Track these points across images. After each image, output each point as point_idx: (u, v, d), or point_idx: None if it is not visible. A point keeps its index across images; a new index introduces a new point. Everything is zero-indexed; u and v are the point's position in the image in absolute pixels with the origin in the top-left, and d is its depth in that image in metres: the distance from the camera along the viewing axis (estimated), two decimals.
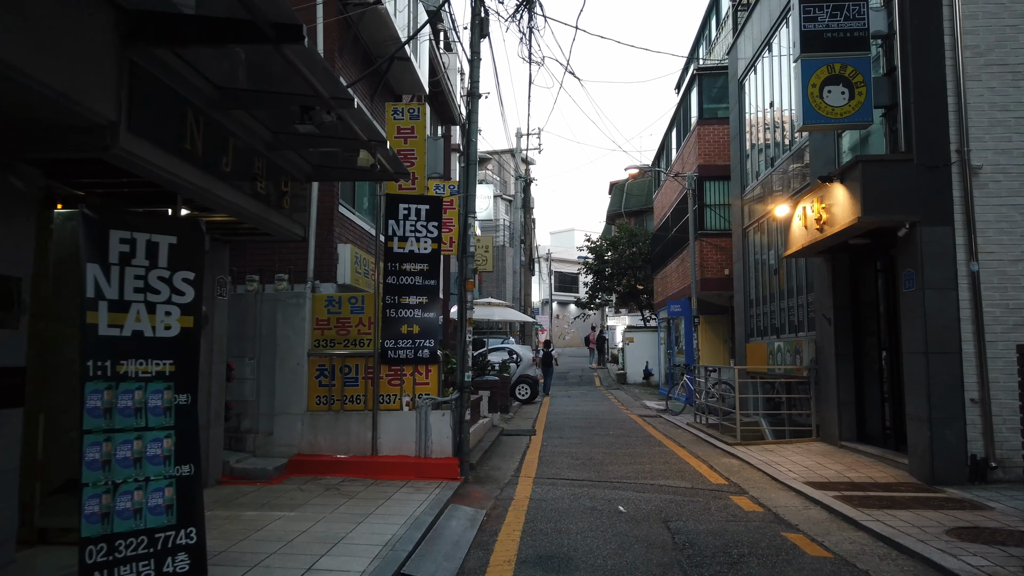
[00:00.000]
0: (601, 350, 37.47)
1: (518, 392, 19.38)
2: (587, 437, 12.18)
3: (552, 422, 14.70)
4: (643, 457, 9.93)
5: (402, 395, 8.44)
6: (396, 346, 8.43)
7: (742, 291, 15.29)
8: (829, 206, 8.89)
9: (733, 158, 16.18)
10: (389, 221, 8.53)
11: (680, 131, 21.50)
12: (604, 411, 17.52)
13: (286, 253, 9.92)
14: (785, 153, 12.57)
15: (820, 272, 10.74)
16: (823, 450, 10.02)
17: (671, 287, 22.57)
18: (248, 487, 7.35)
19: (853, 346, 10.22)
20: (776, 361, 12.47)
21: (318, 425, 8.37)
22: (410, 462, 8.12)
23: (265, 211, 6.65)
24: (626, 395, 23.05)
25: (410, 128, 9.67)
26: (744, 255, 15.19)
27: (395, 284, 8.49)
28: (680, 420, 14.97)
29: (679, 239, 20.78)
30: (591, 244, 32.38)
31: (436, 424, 8.25)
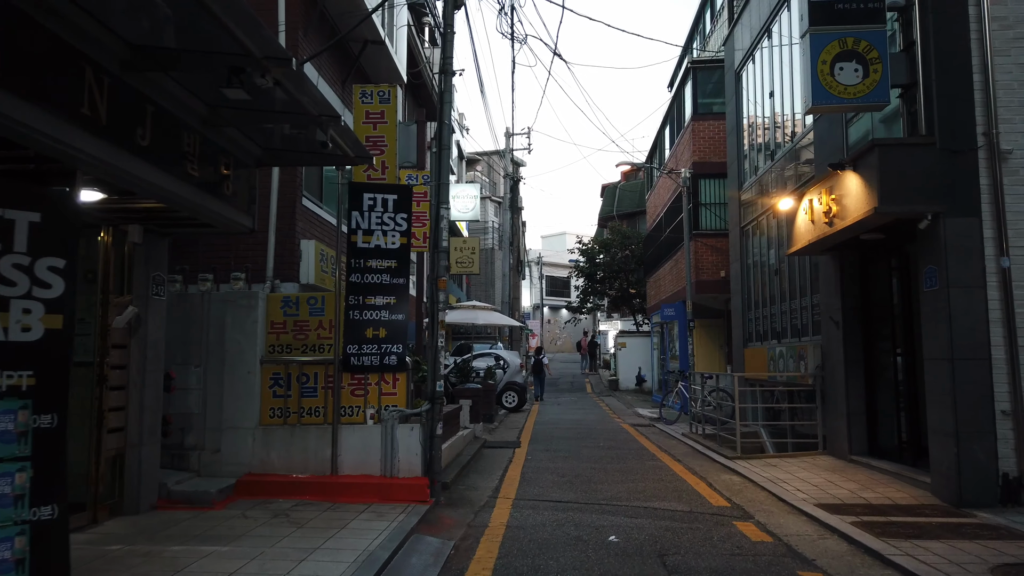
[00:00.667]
0: (593, 355, 36.62)
1: (505, 400, 18.50)
2: (575, 450, 11.30)
3: (539, 433, 13.81)
4: (636, 474, 9.06)
5: (366, 407, 7.54)
6: (360, 352, 7.54)
7: (740, 293, 14.47)
8: (840, 197, 8.07)
9: (730, 153, 15.38)
10: (352, 213, 7.65)
11: (674, 128, 20.72)
12: (595, 420, 16.65)
13: (244, 250, 9.04)
14: (787, 145, 11.77)
15: (827, 271, 9.92)
16: (831, 465, 9.17)
17: (665, 290, 21.76)
18: (185, 513, 6.43)
19: (864, 351, 9.39)
20: (777, 367, 11.64)
21: (271, 441, 7.46)
22: (374, 483, 7.22)
23: (199, 197, 5.76)
24: (618, 402, 22.20)
25: (379, 112, 8.80)
26: (742, 255, 14.37)
27: (359, 283, 7.61)
28: (675, 430, 14.11)
29: (673, 240, 19.97)
30: (582, 246, 31.55)
31: (404, 440, 7.36)
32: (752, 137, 13.99)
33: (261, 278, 8.71)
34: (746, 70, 14.20)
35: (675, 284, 19.92)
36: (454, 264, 21.76)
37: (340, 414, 7.51)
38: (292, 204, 9.12)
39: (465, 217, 21.95)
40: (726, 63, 15.64)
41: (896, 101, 7.85)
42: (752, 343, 13.77)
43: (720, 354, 19.24)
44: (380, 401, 7.57)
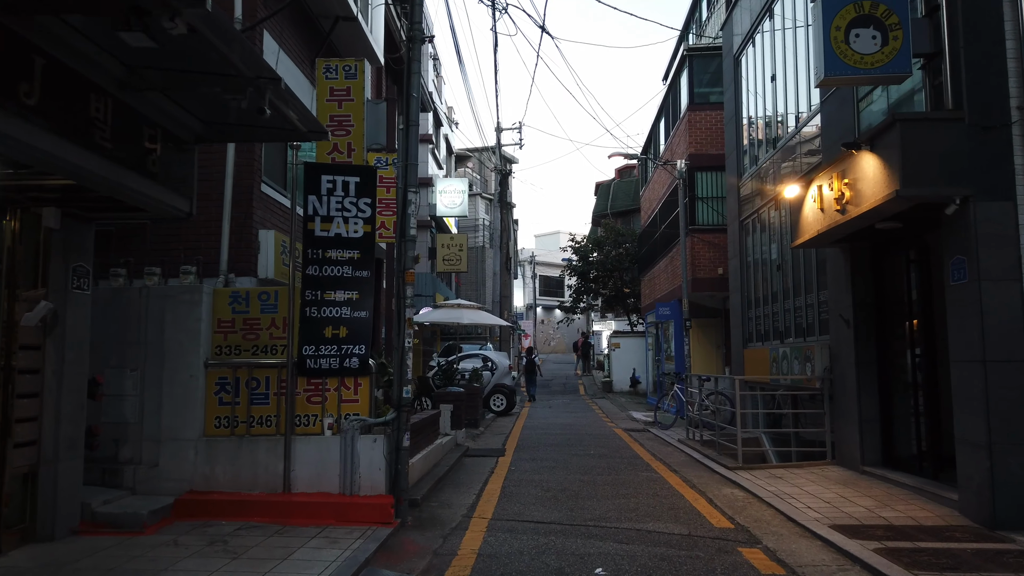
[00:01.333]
0: (586, 356, 35.83)
1: (493, 403, 17.67)
2: (564, 459, 10.48)
3: (526, 439, 12.98)
4: (628, 487, 8.23)
5: (324, 416, 6.69)
6: (317, 353, 6.70)
7: (739, 291, 13.67)
8: (853, 181, 7.26)
9: (728, 143, 14.60)
10: (309, 197, 6.81)
11: (669, 121, 19.94)
12: (586, 424, 15.83)
13: (195, 241, 8.19)
14: (791, 130, 10.97)
15: (835, 265, 9.12)
16: (842, 477, 8.37)
17: (660, 289, 20.97)
18: (108, 539, 5.58)
19: (877, 352, 8.59)
20: (781, 370, 10.83)
21: (216, 454, 6.61)
22: (331, 502, 6.37)
23: (116, 173, 4.92)
24: (611, 405, 21.39)
25: (345, 89, 7.99)
26: (741, 251, 13.58)
27: (317, 276, 6.77)
28: (670, 435, 13.30)
29: (668, 236, 19.18)
30: (575, 244, 30.75)
31: (366, 452, 6.52)
32: (752, 125, 13.20)
33: (215, 272, 7.86)
34: (746, 54, 13.42)
35: (670, 282, 19.13)
36: (441, 262, 20.93)
37: (294, 424, 6.67)
38: (249, 190, 8.27)
39: (452, 213, 21.12)
40: (724, 48, 14.85)
41: (917, 74, 7.06)
42: (752, 344, 12.97)
43: (717, 355, 18.46)
44: (340, 409, 6.73)
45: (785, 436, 10.78)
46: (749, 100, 13.27)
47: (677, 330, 18.32)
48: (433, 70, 22.77)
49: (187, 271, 7.48)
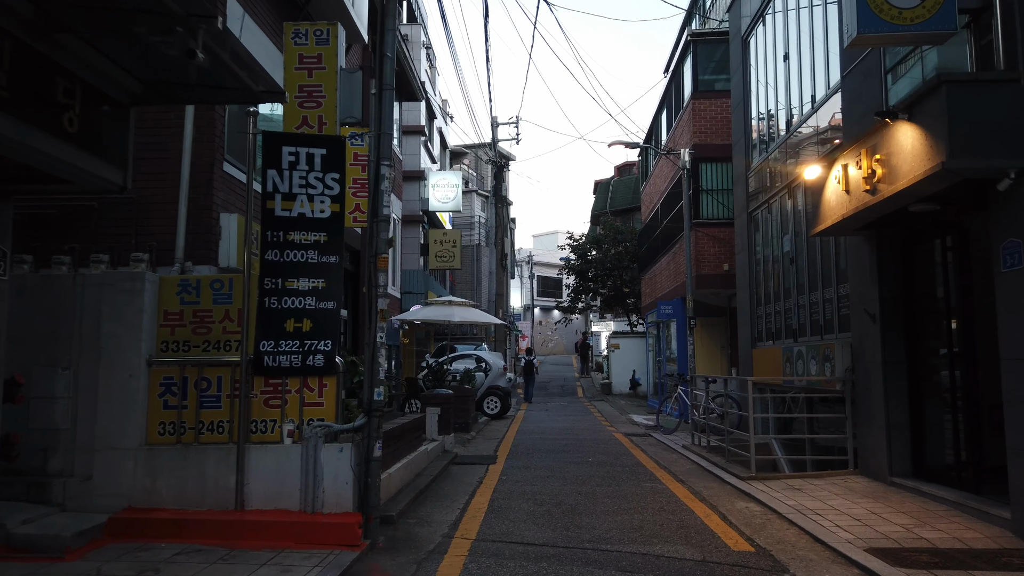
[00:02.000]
0: (585, 358, 35.00)
1: (486, 406, 16.83)
2: (560, 467, 9.63)
3: (520, 444, 12.13)
4: (631, 500, 7.39)
5: (284, 421, 5.85)
6: (277, 350, 5.86)
7: (747, 287, 12.84)
8: (887, 156, 6.43)
9: (735, 131, 13.77)
10: (268, 172, 5.97)
11: (671, 112, 19.12)
12: (585, 428, 14.98)
13: (149, 226, 7.38)
14: (807, 111, 10.15)
15: (859, 255, 8.30)
16: (869, 489, 7.53)
17: (661, 287, 20.14)
18: (20, 567, 4.73)
19: (907, 350, 7.76)
20: (795, 370, 10.00)
21: (160, 465, 5.76)
22: (290, 521, 5.52)
23: (16, 129, 4.07)
24: (611, 408, 20.56)
25: (316, 56, 7.12)
26: (750, 244, 12.75)
27: (277, 261, 5.93)
28: (674, 441, 12.46)
29: (671, 232, 18.36)
30: (573, 242, 29.92)
31: (331, 464, 5.67)
32: (762, 109, 12.38)
33: (170, 260, 7.02)
34: (754, 35, 12.60)
35: (673, 280, 18.30)
36: (434, 259, 20.10)
37: (249, 430, 5.83)
38: (209, 169, 7.43)
39: (446, 208, 20.27)
40: (731, 31, 14.04)
41: (962, 33, 6.23)
42: (762, 343, 12.14)
43: (722, 355, 17.63)
44: (302, 414, 5.88)
45: (799, 443, 9.96)
46: (759, 83, 12.45)
47: (680, 329, 17.49)
48: (427, 60, 21.94)
49: (138, 259, 6.63)
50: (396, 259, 16.88)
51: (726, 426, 9.97)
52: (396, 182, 16.53)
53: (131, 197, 7.48)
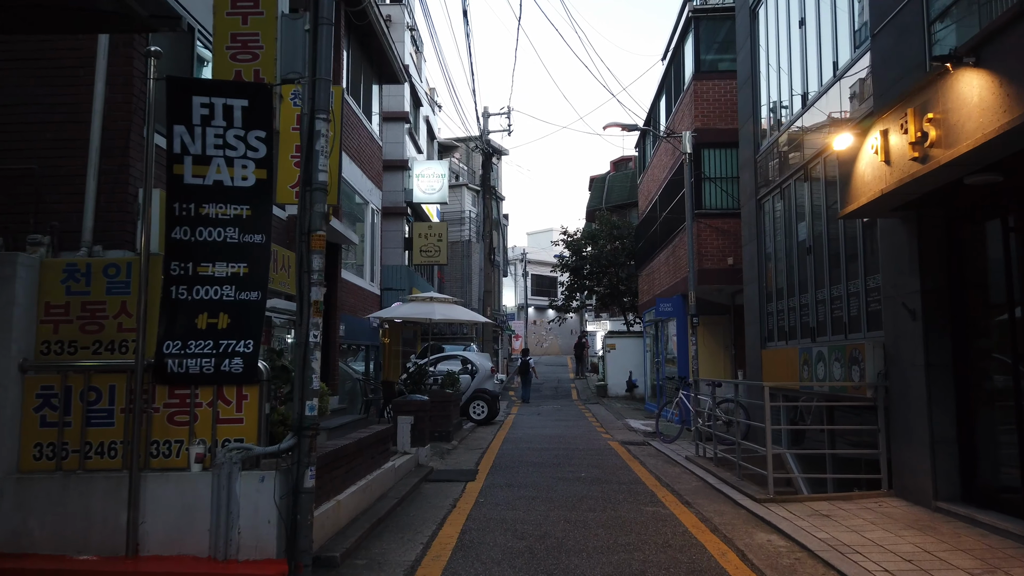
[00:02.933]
0: (581, 358, 33.81)
1: (473, 411, 15.64)
2: (548, 484, 8.44)
3: (506, 455, 10.94)
4: (630, 531, 6.21)
5: (192, 442, 4.65)
6: (185, 352, 4.66)
7: (755, 281, 11.67)
8: (943, 115, 5.26)
9: (742, 111, 12.60)
10: (175, 128, 4.77)
11: (671, 97, 17.96)
12: (578, 436, 13.80)
13: (53, 203, 6.17)
14: (827, 81, 8.98)
15: (895, 241, 7.13)
16: (911, 517, 6.35)
17: (660, 283, 18.98)
18: None
19: (953, 352, 6.60)
20: (814, 374, 8.82)
21: (33, 499, 4.55)
22: (195, 572, 4.32)
23: None
24: (606, 412, 19.38)
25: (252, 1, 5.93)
26: (759, 234, 11.58)
27: (187, 242, 4.74)
28: (676, 451, 11.29)
29: (670, 224, 17.19)
30: (567, 237, 28.75)
31: (249, 497, 4.47)
32: (773, 85, 11.20)
33: (76, 243, 5.82)
34: (764, 4, 11.43)
35: (672, 275, 17.14)
36: (418, 253, 18.90)
37: (149, 454, 4.62)
38: (125, 135, 6.21)
39: (431, 199, 19.05)
40: (737, 2, 12.87)
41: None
42: (773, 343, 10.97)
43: (725, 356, 16.47)
44: (215, 433, 4.68)
45: (817, 459, 8.81)
46: (769, 56, 11.28)
47: (680, 329, 16.33)
48: (412, 44, 20.74)
49: (36, 241, 5.45)
50: (375, 252, 15.68)
51: (737, 437, 8.79)
52: (374, 168, 15.33)
53: (31, 168, 6.31)
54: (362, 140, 14.35)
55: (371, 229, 15.34)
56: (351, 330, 13.23)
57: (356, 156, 13.83)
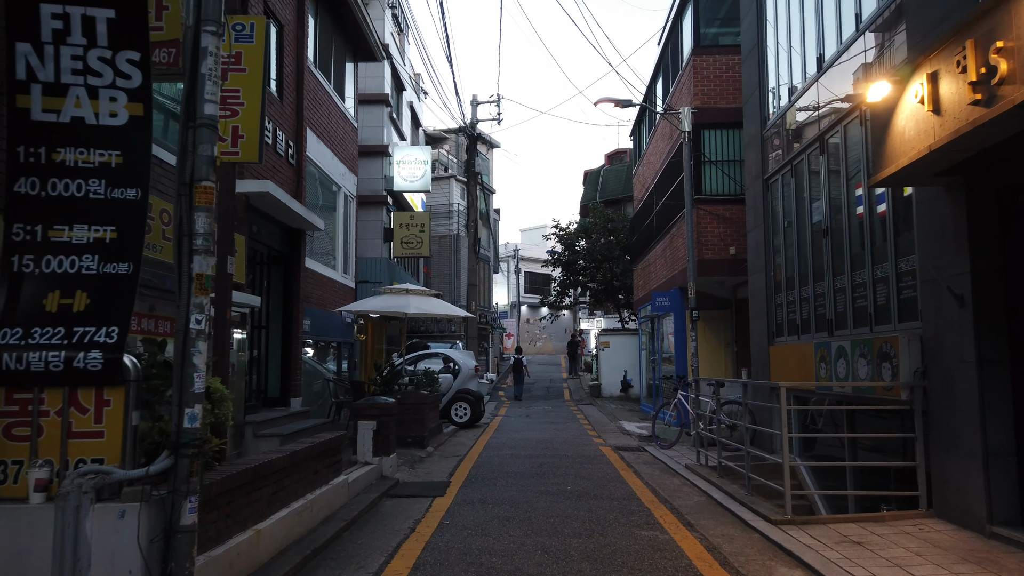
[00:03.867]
0: (574, 357, 32.67)
1: (454, 413, 14.50)
2: (528, 501, 7.30)
3: (485, 464, 9.80)
4: (619, 564, 5.08)
5: (34, 463, 3.49)
6: (27, 343, 3.51)
7: (763, 270, 10.56)
8: (1018, 42, 4.13)
9: (747, 84, 11.49)
10: (18, 47, 3.61)
11: (668, 78, 16.84)
12: (567, 440, 12.66)
13: None
14: (849, 36, 7.86)
15: (936, 214, 6.01)
16: (961, 545, 5.23)
17: (656, 277, 17.87)
18: None
19: (1011, 345, 5.49)
20: (833, 373, 7.71)
21: None
22: None
23: None
24: (599, 413, 18.26)
25: None
26: (766, 217, 10.46)
27: (34, 197, 3.59)
28: (674, 457, 10.17)
29: (667, 213, 16.08)
30: (559, 231, 27.61)
31: (105, 538, 3.32)
32: (783, 52, 10.08)
33: None
34: None
35: (669, 267, 16.02)
36: (399, 245, 17.74)
37: None
38: None
39: (413, 187, 17.89)
40: None
41: None
42: (783, 338, 9.85)
43: (726, 353, 15.36)
44: (66, 451, 3.52)
45: (836, 472, 7.72)
46: (778, 19, 10.15)
47: (678, 324, 15.21)
48: (394, 23, 19.59)
49: None
50: (349, 242, 14.53)
51: (745, 445, 7.66)
52: (347, 151, 14.17)
53: None
54: (333, 119, 13.20)
55: (344, 216, 14.19)
56: (319, 325, 12.08)
57: (325, 135, 12.67)
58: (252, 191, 8.66)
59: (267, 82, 8.44)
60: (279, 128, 10.10)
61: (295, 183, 10.90)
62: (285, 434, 8.57)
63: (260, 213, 9.50)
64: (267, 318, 9.97)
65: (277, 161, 10.06)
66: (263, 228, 9.79)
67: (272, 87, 10.12)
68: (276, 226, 10.29)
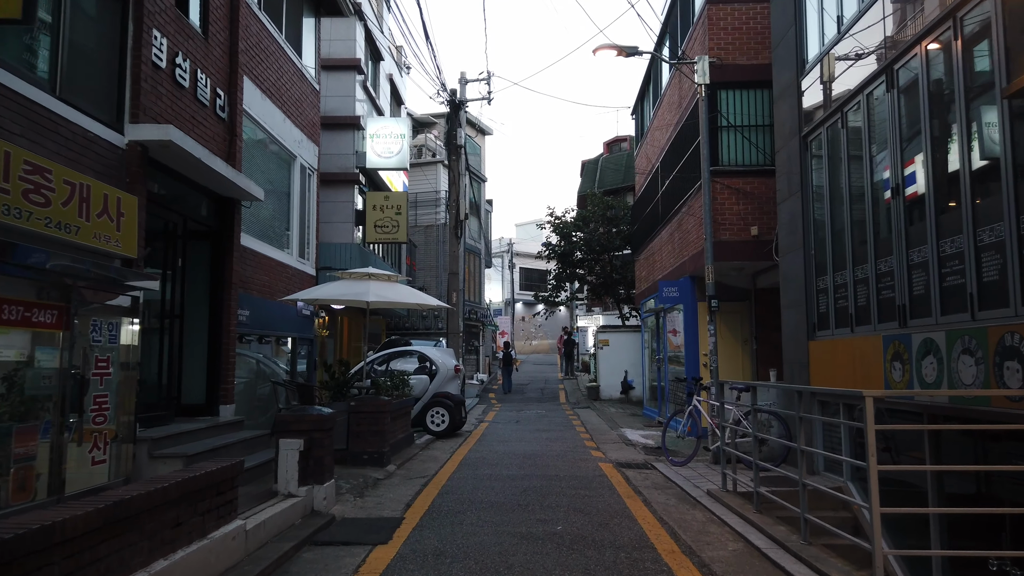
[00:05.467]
0: (570, 356, 30.67)
1: (430, 420, 12.52)
2: (502, 550, 5.32)
3: (455, 489, 7.81)
4: None
5: None
6: None
7: (799, 248, 8.60)
8: None
9: (777, 25, 9.52)
10: None
11: (677, 34, 14.84)
12: (561, 454, 10.67)
13: None
14: None
15: None
16: None
17: (662, 265, 15.89)
18: None
19: None
20: (917, 377, 5.72)
21: None
22: None
23: None
24: (598, 419, 16.27)
25: None
26: (806, 184, 8.50)
27: None
28: (692, 479, 8.19)
29: (676, 191, 14.11)
30: (555, 220, 25.60)
31: None
32: None
33: None
34: None
35: (678, 253, 14.04)
36: (371, 229, 15.72)
37: None
38: None
39: (388, 164, 15.84)
40: None
41: None
42: (827, 331, 7.88)
43: (744, 352, 13.38)
44: None
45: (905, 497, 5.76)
46: None
47: (688, 317, 13.24)
48: None
49: None
50: (308, 221, 12.53)
51: (800, 473, 5.67)
52: (305, 115, 12.16)
53: None
54: (285, 75, 11.19)
55: (302, 191, 12.17)
56: (263, 317, 10.07)
57: (275, 92, 10.67)
58: (148, 138, 6.66)
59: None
60: (201, 69, 8.09)
61: (226, 142, 8.90)
62: (192, 454, 6.58)
63: (170, 172, 7.50)
64: (182, 306, 7.96)
65: (197, 110, 8.06)
66: (175, 192, 7.79)
67: (193, 17, 8.13)
68: (198, 192, 8.29)
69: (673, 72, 14.96)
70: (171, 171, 7.53)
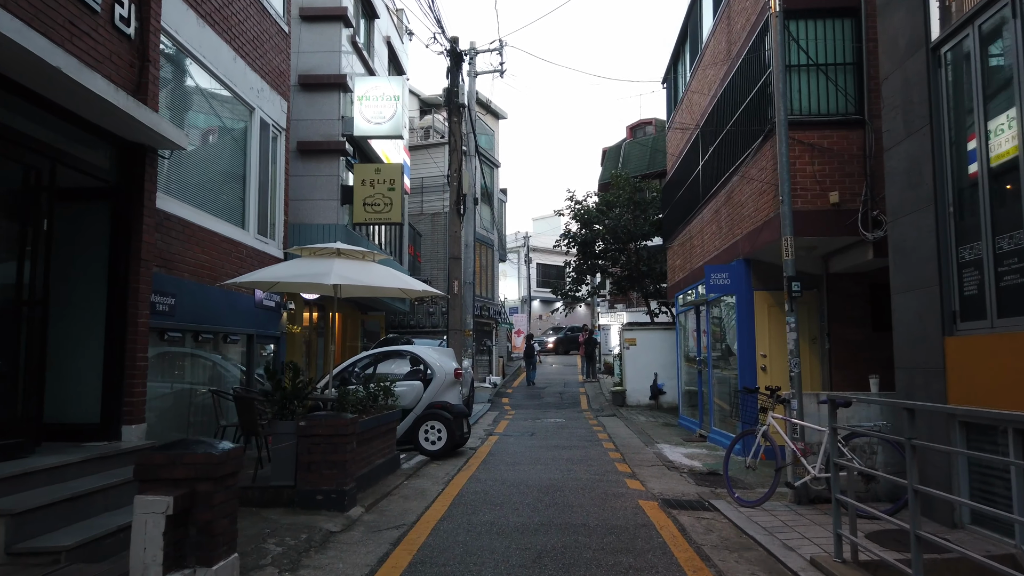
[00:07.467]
0: (591, 357, 28.17)
1: (423, 437, 10.12)
2: None
3: (434, 559, 5.36)
4: None
5: None
6: None
7: (928, 205, 6.09)
8: None
9: None
10: None
11: None
12: (587, 484, 8.19)
13: None
14: None
15: None
16: None
17: (703, 251, 13.38)
18: None
19: None
20: None
21: None
22: None
23: None
24: (628, 431, 13.78)
25: None
26: (933, 116, 5.97)
27: None
28: (776, 529, 5.67)
29: (726, 155, 11.59)
30: (576, 204, 23.08)
31: None
32: None
33: None
34: None
35: (728, 233, 11.52)
36: (360, 206, 13.34)
37: None
38: None
39: (379, 131, 13.44)
40: None
41: None
42: (984, 322, 5.36)
43: (812, 352, 10.82)
44: None
45: None
46: None
47: (743, 310, 10.72)
48: None
49: None
50: (276, 192, 10.18)
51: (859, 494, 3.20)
52: (266, 58, 9.80)
53: None
54: (239, 5, 8.85)
55: (262, 153, 9.82)
56: (199, 307, 7.73)
57: (220, 21, 8.33)
58: None
59: None
60: None
61: (135, 68, 6.55)
62: (20, 512, 4.23)
63: (36, 99, 5.16)
64: (45, 288, 5.58)
65: (79, 15, 5.70)
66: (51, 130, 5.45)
67: None
68: (91, 135, 5.94)
69: (719, 18, 12.44)
70: (38, 96, 5.18)
